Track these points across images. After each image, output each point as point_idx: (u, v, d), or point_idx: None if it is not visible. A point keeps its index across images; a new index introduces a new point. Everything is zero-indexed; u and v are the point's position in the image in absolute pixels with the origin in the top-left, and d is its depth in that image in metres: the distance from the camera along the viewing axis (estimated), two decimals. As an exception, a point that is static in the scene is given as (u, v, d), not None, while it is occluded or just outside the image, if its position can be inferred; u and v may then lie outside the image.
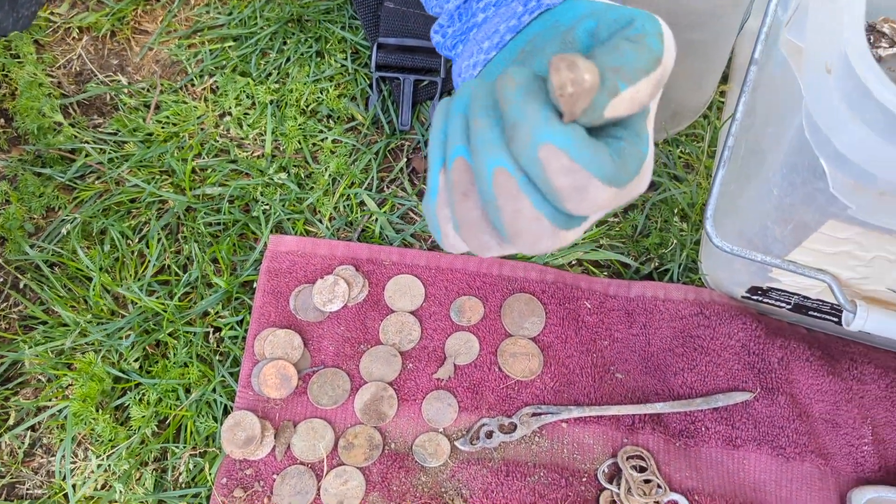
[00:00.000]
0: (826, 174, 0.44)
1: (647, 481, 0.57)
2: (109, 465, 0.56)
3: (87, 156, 0.71)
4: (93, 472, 0.56)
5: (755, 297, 0.64)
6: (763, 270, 0.59)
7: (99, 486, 0.57)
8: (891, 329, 0.54)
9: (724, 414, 0.60)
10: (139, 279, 0.65)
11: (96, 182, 0.70)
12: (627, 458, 0.58)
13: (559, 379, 0.62)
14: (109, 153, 0.71)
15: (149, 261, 0.66)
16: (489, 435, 0.59)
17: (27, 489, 0.59)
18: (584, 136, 0.26)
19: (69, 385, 0.60)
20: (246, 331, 0.63)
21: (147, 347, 0.62)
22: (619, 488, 0.56)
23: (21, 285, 0.66)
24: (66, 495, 0.58)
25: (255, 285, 0.65)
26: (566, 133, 0.26)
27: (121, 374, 0.60)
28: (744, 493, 0.57)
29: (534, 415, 0.60)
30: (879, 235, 0.50)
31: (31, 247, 0.66)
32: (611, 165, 0.27)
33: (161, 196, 0.68)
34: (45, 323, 0.64)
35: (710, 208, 0.55)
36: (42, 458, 0.60)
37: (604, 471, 0.58)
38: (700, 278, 0.66)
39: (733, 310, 0.63)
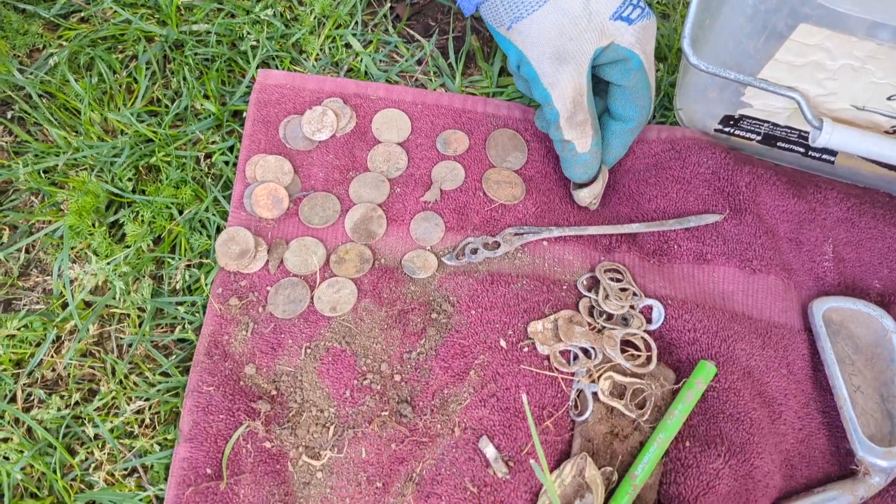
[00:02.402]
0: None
1: (623, 290, 0.60)
2: (108, 266, 0.58)
3: (70, -6, 0.70)
4: (94, 274, 0.57)
5: (727, 130, 0.67)
6: (736, 96, 0.62)
7: (100, 283, 0.59)
8: (852, 143, 0.58)
9: (695, 233, 0.63)
10: (130, 108, 0.65)
11: (81, 24, 0.70)
12: (605, 271, 0.61)
13: (541, 206, 0.64)
14: (94, -8, 0.71)
15: (138, 93, 0.67)
16: (474, 251, 0.62)
17: (24, 304, 0.60)
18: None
19: (64, 200, 0.61)
20: (237, 157, 0.64)
21: (140, 168, 0.63)
22: (597, 296, 0.60)
23: (9, 116, 0.67)
24: (63, 305, 0.59)
25: (244, 115, 0.66)
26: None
27: (115, 191, 0.61)
28: (713, 301, 0.61)
29: (516, 234, 0.63)
30: (846, 39, 0.53)
31: (20, 73, 0.66)
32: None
33: (148, 32, 0.69)
34: (36, 148, 0.64)
35: (688, 27, 0.57)
36: (38, 277, 0.61)
37: (583, 282, 0.61)
38: (674, 114, 0.69)
39: (704, 143, 0.67)
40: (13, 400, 0.56)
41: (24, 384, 0.57)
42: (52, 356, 0.58)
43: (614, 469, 0.54)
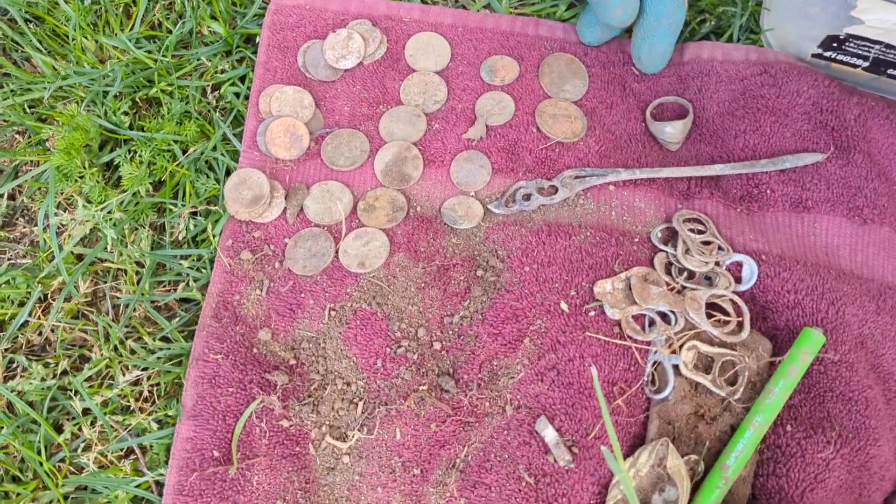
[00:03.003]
0: None
1: (706, 243, 0.50)
2: (101, 212, 0.49)
3: None
4: (84, 222, 0.49)
5: (827, 55, 0.56)
6: (844, 10, 0.51)
7: (90, 233, 0.51)
8: None
9: (793, 175, 0.53)
10: (128, 32, 0.56)
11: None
12: (684, 221, 0.51)
13: (605, 143, 0.54)
14: None
15: (136, 15, 0.58)
16: (526, 197, 0.52)
17: (8, 258, 0.52)
18: None
19: (49, 137, 0.52)
20: (249, 88, 0.55)
21: (138, 101, 0.54)
22: (675, 250, 0.50)
23: (-9, 44, 0.58)
24: (51, 258, 0.51)
25: (257, 40, 0.57)
26: None
27: (109, 126, 0.53)
28: (815, 256, 0.51)
29: (577, 177, 0.53)
30: None
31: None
32: None
33: (147, -55, 0.59)
34: (20, 79, 0.56)
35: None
36: (24, 227, 0.53)
37: (658, 234, 0.51)
38: (761, 39, 0.58)
39: (803, 69, 0.56)
40: (-7, 368, 0.49)
41: (3, 350, 0.49)
42: (39, 318, 0.50)
43: (700, 458, 0.44)
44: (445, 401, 0.46)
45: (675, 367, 0.46)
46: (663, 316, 0.48)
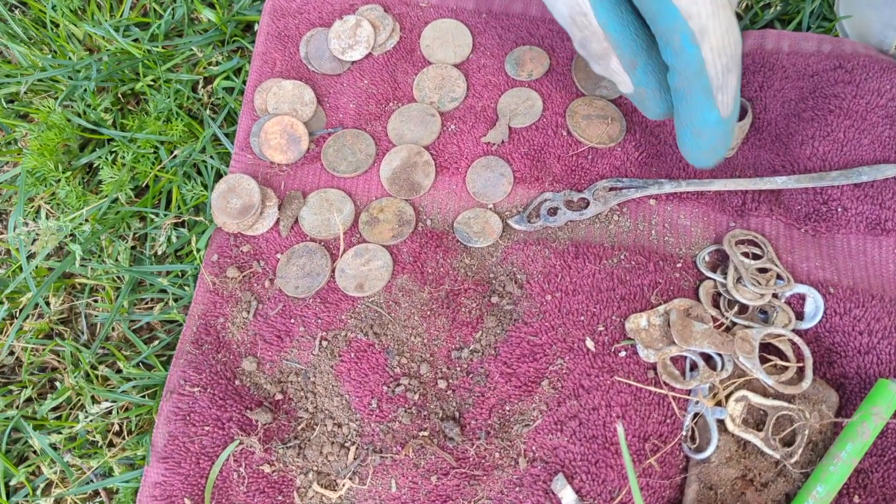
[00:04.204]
0: None
1: (762, 270, 0.43)
2: (72, 223, 0.44)
3: None
4: (49, 234, 0.44)
5: (917, 47, 0.47)
6: (942, -7, 0.43)
7: (62, 243, 0.46)
8: None
9: (870, 191, 0.44)
10: (116, 19, 0.51)
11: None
12: (737, 243, 0.44)
13: (646, 149, 0.47)
14: None
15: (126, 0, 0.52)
16: (552, 212, 0.45)
17: (-19, 268, 0.48)
18: None
19: (24, 136, 0.48)
20: (244, 82, 0.49)
21: (120, 97, 0.49)
22: (725, 278, 0.42)
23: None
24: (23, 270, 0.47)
25: (256, 29, 0.51)
26: None
27: (88, 126, 0.47)
28: (895, 291, 0.43)
29: (612, 189, 0.46)
30: None
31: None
32: None
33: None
34: (-2, 70, 0.51)
35: None
36: (1, 233, 0.49)
37: (704, 258, 0.44)
38: (836, 27, 0.50)
39: (886, 64, 0.47)
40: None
41: (-34, 374, 0.45)
42: (6, 336, 0.45)
43: (747, 532, 0.37)
44: (449, 450, 0.40)
45: (720, 422, 0.39)
46: (707, 359, 0.40)
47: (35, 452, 0.43)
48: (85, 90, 0.48)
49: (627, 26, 0.35)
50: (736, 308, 0.42)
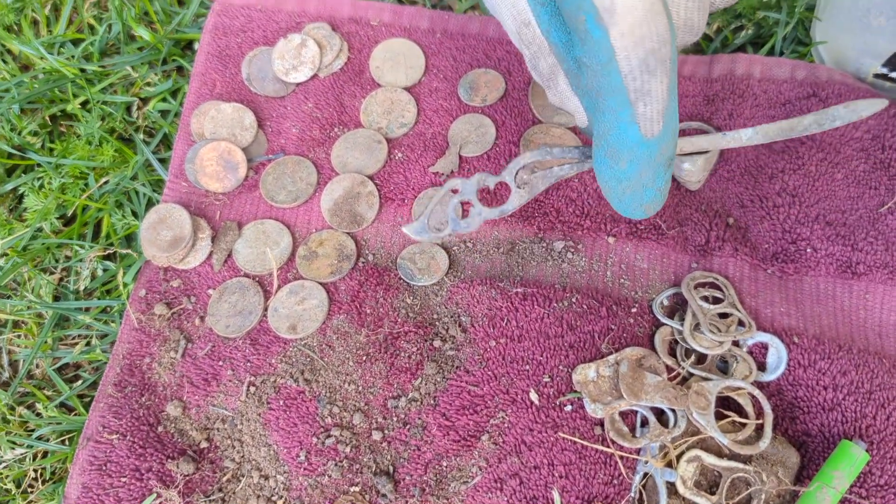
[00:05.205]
0: None
1: (723, 316, 0.40)
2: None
3: None
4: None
5: (893, 75, 0.45)
6: (920, 20, 0.40)
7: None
8: None
9: (842, 230, 0.42)
10: (48, 36, 0.48)
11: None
12: (696, 286, 0.41)
13: (605, 181, 0.44)
14: None
15: (63, 14, 0.49)
16: (464, 213, 0.42)
17: None
18: None
19: (-59, 162, 0.45)
20: (182, 105, 0.47)
21: (47, 119, 0.46)
22: (682, 324, 0.40)
23: None
24: (-60, 304, 0.44)
25: (195, 47, 0.48)
26: None
27: (13, 152, 0.45)
28: (864, 340, 0.40)
29: (536, 170, 0.39)
30: None
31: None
32: None
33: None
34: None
35: None
36: (-76, 261, 0.46)
37: (662, 302, 0.41)
38: (811, 53, 0.47)
39: (861, 92, 0.44)
40: None
41: None
42: (-77, 373, 0.43)
43: None
44: (380, 508, 0.38)
45: (671, 485, 0.36)
46: (660, 414, 0.38)
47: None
48: (10, 111, 0.45)
49: (571, 34, 0.31)
50: (693, 357, 0.39)
